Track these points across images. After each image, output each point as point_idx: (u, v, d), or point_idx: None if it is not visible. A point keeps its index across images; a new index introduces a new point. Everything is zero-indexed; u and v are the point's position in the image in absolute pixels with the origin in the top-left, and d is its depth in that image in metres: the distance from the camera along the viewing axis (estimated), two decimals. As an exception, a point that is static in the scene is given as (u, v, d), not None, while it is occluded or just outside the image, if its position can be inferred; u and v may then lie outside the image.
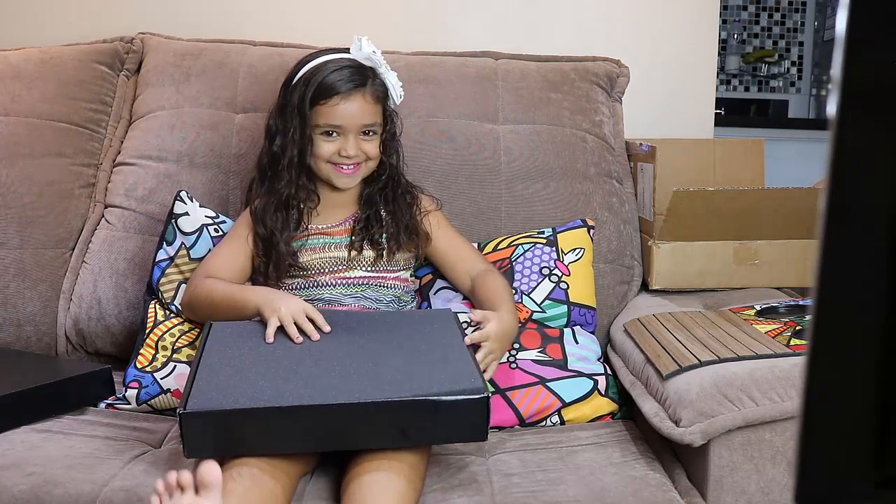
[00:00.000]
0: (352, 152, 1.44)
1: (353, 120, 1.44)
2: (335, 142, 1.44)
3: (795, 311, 1.45)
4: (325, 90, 1.42)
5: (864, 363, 0.43)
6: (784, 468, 1.16)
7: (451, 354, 1.22)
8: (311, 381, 1.15)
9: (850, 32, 0.39)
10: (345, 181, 1.47)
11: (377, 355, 1.22)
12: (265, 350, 1.25)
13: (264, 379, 1.16)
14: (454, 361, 1.20)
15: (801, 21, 4.66)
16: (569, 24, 2.03)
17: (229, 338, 1.29)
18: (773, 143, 2.32)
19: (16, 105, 1.78)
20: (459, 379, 1.14)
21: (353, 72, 1.44)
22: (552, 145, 1.74)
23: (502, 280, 1.50)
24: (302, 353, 1.24)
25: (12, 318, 1.65)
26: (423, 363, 1.20)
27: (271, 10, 2.04)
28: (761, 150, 1.87)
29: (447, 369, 1.18)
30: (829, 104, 0.41)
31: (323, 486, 1.19)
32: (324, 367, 1.19)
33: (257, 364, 1.21)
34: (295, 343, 1.26)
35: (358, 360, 1.21)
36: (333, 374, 1.17)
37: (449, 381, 1.14)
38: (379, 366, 1.19)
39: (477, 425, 1.13)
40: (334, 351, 1.24)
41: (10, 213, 1.69)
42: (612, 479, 1.20)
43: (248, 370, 1.19)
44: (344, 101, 1.43)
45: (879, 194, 0.41)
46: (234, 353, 1.24)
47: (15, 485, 1.15)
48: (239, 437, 1.11)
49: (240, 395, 1.12)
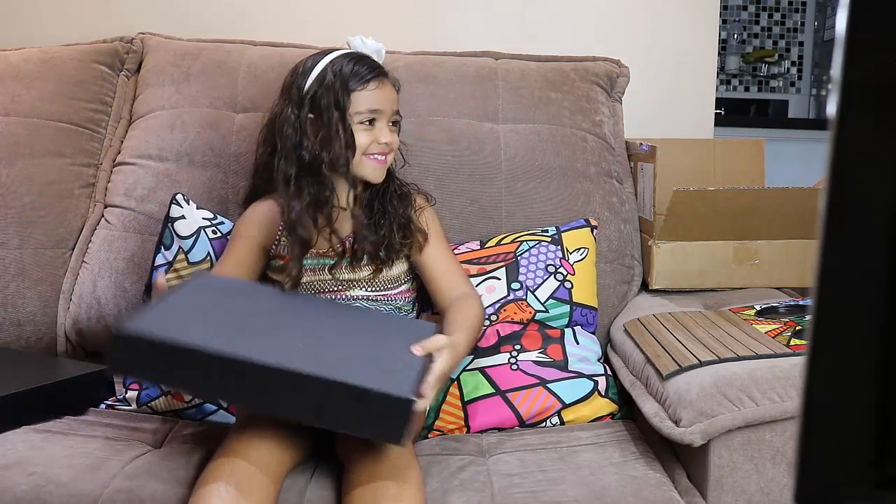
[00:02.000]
0: (388, 138, 1.39)
1: (389, 105, 1.41)
2: (371, 131, 1.39)
3: (795, 311, 1.45)
4: (360, 76, 1.38)
5: (864, 363, 0.43)
6: (784, 468, 1.16)
7: (403, 360, 1.19)
8: (251, 337, 1.14)
9: (850, 32, 0.39)
10: (380, 171, 1.41)
11: (334, 338, 1.21)
12: (232, 303, 1.25)
13: (211, 325, 1.15)
14: (402, 366, 1.17)
15: (801, 21, 4.66)
16: (569, 24, 2.03)
17: (207, 287, 1.29)
18: (773, 143, 2.32)
19: (16, 105, 1.78)
20: (394, 380, 1.11)
21: (372, 61, 1.43)
22: (552, 145, 1.74)
23: (480, 311, 1.40)
24: (264, 315, 1.23)
25: (12, 318, 1.65)
26: (372, 358, 1.18)
27: (271, 10, 2.04)
28: (761, 150, 1.87)
29: (389, 369, 1.15)
30: (829, 104, 0.41)
31: (323, 484, 1.19)
32: (275, 330, 1.19)
33: (216, 312, 1.20)
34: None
35: (313, 335, 1.20)
36: (277, 338, 1.16)
37: (382, 377, 1.11)
38: (328, 346, 1.18)
39: (394, 427, 1.09)
40: (297, 322, 1.24)
41: (10, 213, 1.69)
42: (612, 479, 1.20)
43: (202, 314, 1.18)
44: (380, 86, 1.40)
45: (879, 194, 0.41)
46: (203, 298, 1.24)
47: (16, 485, 1.15)
48: (163, 371, 1.10)
49: (176, 330, 1.11)
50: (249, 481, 1.09)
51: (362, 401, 1.08)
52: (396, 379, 1.12)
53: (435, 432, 1.43)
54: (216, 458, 1.13)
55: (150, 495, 1.15)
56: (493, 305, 1.54)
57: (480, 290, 1.55)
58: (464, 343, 1.29)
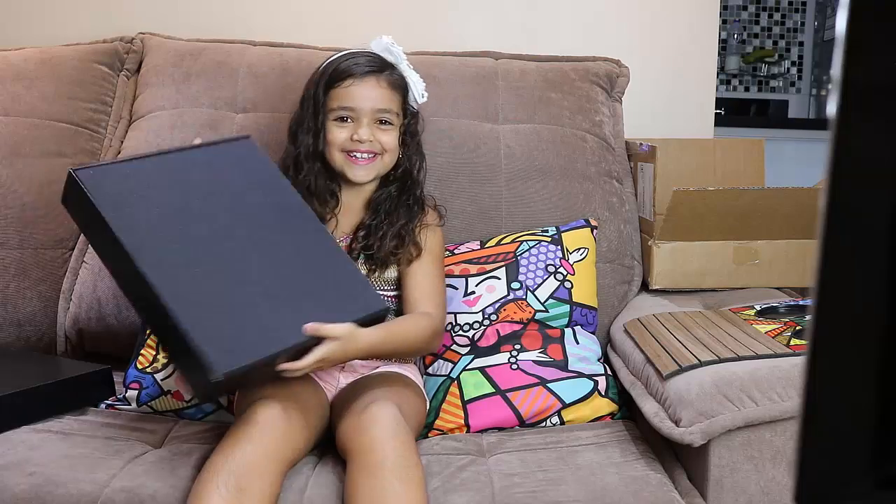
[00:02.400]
0: (364, 136, 1.41)
1: (366, 102, 1.41)
2: (348, 128, 1.42)
3: (795, 311, 1.45)
4: (339, 74, 1.42)
5: (865, 363, 0.43)
6: (784, 468, 1.16)
7: (286, 326, 1.20)
8: (162, 239, 1.18)
9: (850, 32, 0.39)
10: (358, 173, 1.43)
11: (257, 272, 1.23)
12: (195, 202, 1.26)
13: (142, 208, 1.20)
14: (269, 333, 1.18)
15: (801, 21, 4.66)
16: (569, 24, 2.03)
17: (194, 167, 1.30)
18: (773, 143, 2.32)
19: (16, 105, 1.78)
20: (234, 344, 1.14)
21: (369, 59, 1.44)
22: (552, 145, 1.74)
23: (423, 331, 1.37)
24: (210, 227, 1.25)
25: (12, 318, 1.65)
26: (251, 312, 1.19)
27: (271, 10, 2.04)
28: (761, 150, 1.87)
29: (245, 331, 1.17)
30: (829, 104, 0.41)
31: (324, 482, 1.19)
32: (199, 245, 1.21)
33: (165, 202, 1.23)
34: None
35: (235, 262, 1.22)
36: (186, 252, 1.19)
37: (222, 335, 1.14)
38: (228, 278, 1.20)
39: (199, 385, 1.15)
40: (237, 244, 1.25)
41: (10, 213, 1.69)
42: (612, 479, 1.20)
43: (149, 195, 1.22)
44: (357, 83, 1.41)
45: (879, 194, 0.41)
46: (173, 178, 1.26)
47: (16, 484, 1.15)
48: (81, 222, 1.24)
49: (108, 196, 1.18)
50: (249, 478, 1.08)
51: (181, 345, 1.12)
52: (239, 343, 1.14)
53: (435, 432, 1.43)
54: (216, 453, 1.12)
55: (150, 495, 1.14)
56: (493, 305, 1.54)
57: (481, 289, 1.55)
58: (374, 341, 1.25)
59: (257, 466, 1.10)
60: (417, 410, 1.35)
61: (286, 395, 1.22)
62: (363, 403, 1.22)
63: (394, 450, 1.13)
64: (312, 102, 1.43)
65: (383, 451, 1.13)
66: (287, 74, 1.78)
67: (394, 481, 1.10)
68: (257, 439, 1.12)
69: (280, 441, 1.14)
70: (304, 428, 1.21)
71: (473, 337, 1.52)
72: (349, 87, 1.41)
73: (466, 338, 1.52)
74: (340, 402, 1.33)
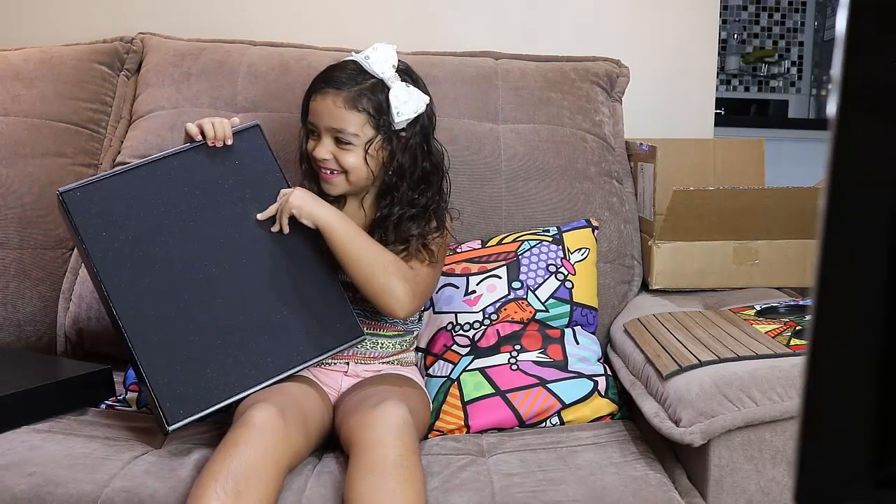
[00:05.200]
0: (319, 154, 1.39)
1: (322, 120, 1.39)
2: (313, 141, 1.42)
3: (795, 311, 1.45)
4: (312, 86, 1.42)
5: (865, 363, 0.43)
6: (784, 468, 1.16)
7: (246, 371, 1.27)
8: (138, 271, 1.25)
9: (850, 32, 0.39)
10: (325, 187, 1.43)
11: (237, 310, 1.28)
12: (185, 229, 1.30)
13: (128, 230, 1.26)
14: (223, 382, 1.25)
15: (801, 21, 4.66)
16: (569, 24, 2.03)
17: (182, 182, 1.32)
18: (773, 143, 2.32)
19: (16, 105, 1.78)
20: (195, 389, 1.22)
21: (340, 74, 1.38)
22: (552, 145, 1.74)
23: (392, 263, 1.35)
24: (194, 251, 1.29)
25: (12, 318, 1.65)
26: (219, 357, 1.25)
27: (271, 10, 2.04)
28: (761, 150, 1.87)
29: (208, 374, 1.24)
30: (829, 104, 0.41)
31: (323, 482, 1.19)
32: (172, 270, 1.27)
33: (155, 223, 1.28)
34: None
35: (215, 291, 1.28)
36: (152, 277, 1.25)
37: (182, 384, 1.22)
38: (203, 314, 1.26)
39: (159, 423, 1.23)
40: (218, 271, 1.29)
41: (10, 213, 1.69)
42: (612, 479, 1.20)
43: (136, 214, 1.27)
44: (318, 99, 1.39)
45: (879, 194, 0.41)
46: (166, 197, 1.30)
47: (16, 484, 1.15)
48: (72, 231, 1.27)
49: (93, 215, 1.24)
50: (248, 481, 1.08)
51: (143, 382, 1.21)
52: (197, 392, 1.22)
53: (435, 432, 1.43)
54: (214, 456, 1.12)
55: (150, 495, 1.14)
56: (493, 304, 1.54)
57: (481, 288, 1.55)
58: (341, 216, 1.35)
59: (256, 470, 1.10)
60: (422, 413, 1.35)
61: (285, 399, 1.22)
62: (374, 401, 1.23)
63: (395, 449, 1.13)
64: (301, 112, 1.45)
65: (386, 449, 1.13)
66: (287, 74, 1.78)
67: (392, 481, 1.10)
68: (256, 442, 1.12)
69: (279, 444, 1.14)
70: (303, 431, 1.21)
71: (474, 337, 1.52)
72: (313, 101, 1.41)
73: (467, 338, 1.52)
74: (345, 402, 1.33)
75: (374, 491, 1.09)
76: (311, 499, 1.16)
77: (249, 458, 1.10)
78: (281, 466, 1.14)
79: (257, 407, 1.17)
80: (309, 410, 1.26)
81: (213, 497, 1.06)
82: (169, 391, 1.21)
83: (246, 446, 1.12)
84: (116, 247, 1.25)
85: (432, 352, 1.54)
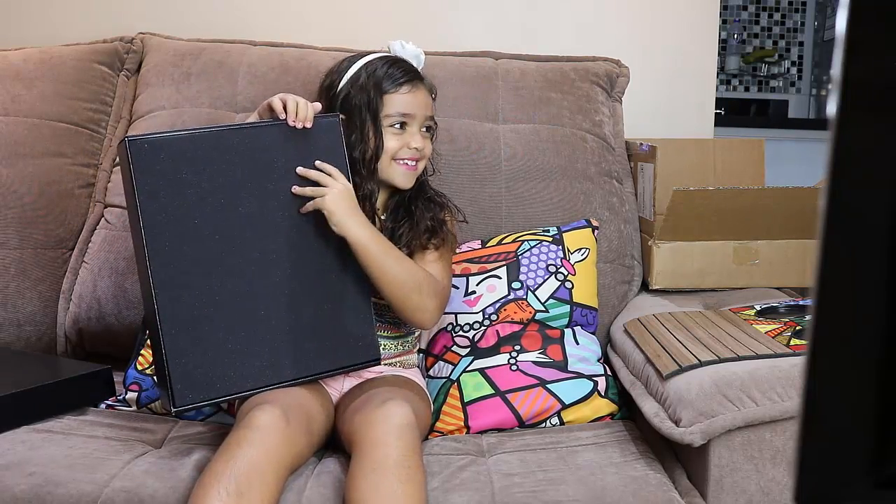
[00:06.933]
0: (419, 144, 1.41)
1: (422, 110, 1.42)
2: (401, 136, 1.41)
3: (795, 311, 1.45)
4: (394, 78, 1.41)
5: (864, 363, 0.43)
6: (784, 468, 1.16)
7: (261, 364, 1.25)
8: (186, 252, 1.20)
9: (850, 32, 0.39)
10: (409, 178, 1.43)
11: (277, 288, 1.26)
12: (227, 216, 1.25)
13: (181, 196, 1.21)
14: (234, 373, 1.23)
15: (801, 21, 4.66)
16: (569, 24, 2.03)
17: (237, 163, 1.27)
18: (773, 143, 2.32)
19: (16, 105, 1.78)
20: (210, 376, 1.20)
21: (410, 65, 1.45)
22: (552, 145, 1.74)
23: (421, 273, 1.35)
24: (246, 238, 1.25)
25: (12, 318, 1.65)
26: (242, 349, 1.23)
27: (271, 10, 2.04)
28: (761, 150, 1.87)
29: (227, 364, 1.22)
30: (829, 104, 0.41)
31: (324, 483, 1.19)
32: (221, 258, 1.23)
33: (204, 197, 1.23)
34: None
35: (258, 282, 1.25)
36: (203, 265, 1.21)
37: (198, 368, 1.20)
38: (238, 304, 1.23)
39: (165, 400, 1.22)
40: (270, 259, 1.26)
41: (10, 213, 1.69)
42: (612, 479, 1.20)
43: (197, 173, 1.22)
44: (413, 90, 1.42)
45: (879, 194, 0.41)
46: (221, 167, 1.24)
47: (16, 484, 1.15)
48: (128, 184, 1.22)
49: (167, 187, 1.19)
50: (250, 482, 1.08)
51: (159, 357, 1.19)
52: (211, 379, 1.20)
53: (435, 433, 1.43)
54: (217, 457, 1.13)
55: (150, 495, 1.14)
56: (493, 305, 1.54)
57: (481, 288, 1.55)
58: (374, 230, 1.31)
59: (258, 471, 1.10)
60: (424, 414, 1.35)
61: (288, 400, 1.22)
62: (379, 400, 1.23)
63: (397, 449, 1.14)
64: (367, 111, 1.39)
65: (388, 449, 1.13)
66: (287, 74, 1.78)
67: (394, 480, 1.10)
68: (258, 444, 1.12)
69: (281, 446, 1.14)
70: (305, 433, 1.21)
71: (473, 338, 1.52)
72: (407, 93, 1.41)
73: (466, 338, 1.52)
74: (348, 402, 1.33)
75: (375, 490, 1.09)
76: (311, 499, 1.16)
77: (252, 459, 1.10)
78: (283, 468, 1.14)
79: (261, 408, 1.17)
80: (312, 412, 1.26)
81: (216, 497, 1.06)
82: (184, 372, 1.18)
83: (249, 447, 1.12)
84: (170, 210, 1.19)
85: (432, 353, 1.54)
